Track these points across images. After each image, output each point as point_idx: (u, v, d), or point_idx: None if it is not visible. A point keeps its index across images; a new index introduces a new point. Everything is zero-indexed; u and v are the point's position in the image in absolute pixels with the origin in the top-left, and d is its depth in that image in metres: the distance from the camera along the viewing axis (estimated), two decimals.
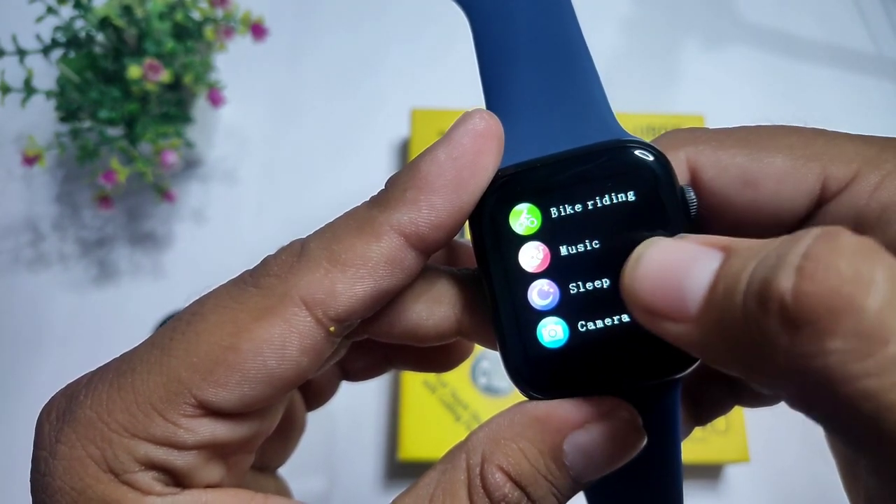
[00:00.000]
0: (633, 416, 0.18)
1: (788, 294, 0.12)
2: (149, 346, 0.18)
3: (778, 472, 0.49)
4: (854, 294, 0.12)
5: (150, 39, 0.49)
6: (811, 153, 0.18)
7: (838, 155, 0.18)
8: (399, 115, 0.58)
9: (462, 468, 0.18)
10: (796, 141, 0.18)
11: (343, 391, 0.27)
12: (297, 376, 0.18)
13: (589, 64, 0.19)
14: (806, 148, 0.18)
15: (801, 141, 0.18)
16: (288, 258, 0.18)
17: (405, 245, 0.18)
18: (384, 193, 0.18)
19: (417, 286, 0.19)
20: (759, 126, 0.19)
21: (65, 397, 0.18)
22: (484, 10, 0.20)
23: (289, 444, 0.26)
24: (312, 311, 0.17)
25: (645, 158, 0.18)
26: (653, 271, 0.15)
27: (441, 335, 0.20)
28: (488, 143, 0.18)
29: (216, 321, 0.17)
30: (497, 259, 0.18)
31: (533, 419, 0.18)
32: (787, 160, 0.18)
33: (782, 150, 0.18)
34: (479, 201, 0.18)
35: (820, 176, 0.18)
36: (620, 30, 0.65)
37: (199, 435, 0.17)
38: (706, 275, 0.14)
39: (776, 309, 0.13)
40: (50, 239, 0.56)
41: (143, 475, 0.17)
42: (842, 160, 0.18)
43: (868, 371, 0.12)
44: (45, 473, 0.17)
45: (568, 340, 0.18)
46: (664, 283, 0.15)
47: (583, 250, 0.18)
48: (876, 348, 0.12)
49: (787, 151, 0.18)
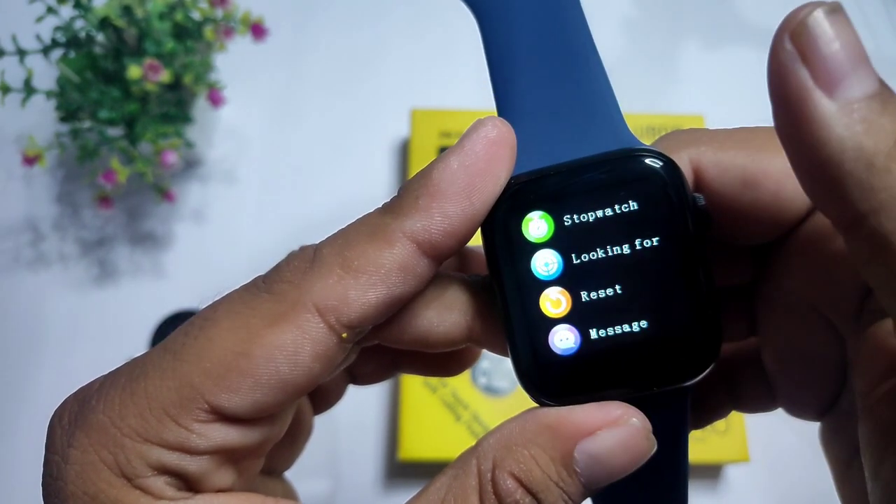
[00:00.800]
0: (644, 423, 0.18)
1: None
2: (161, 351, 0.18)
3: (778, 472, 0.50)
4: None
5: (150, 39, 0.49)
6: None
7: None
8: (399, 115, 0.58)
9: (473, 473, 0.18)
10: None
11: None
12: (309, 382, 0.18)
13: (600, 70, 0.19)
14: None
15: None
16: (301, 264, 0.18)
17: (417, 252, 0.18)
18: (397, 200, 0.18)
19: (429, 293, 0.19)
20: (759, 127, 0.19)
21: (77, 401, 0.18)
22: (494, 14, 0.20)
23: (296, 448, 0.26)
24: (325, 317, 0.17)
25: (657, 167, 0.18)
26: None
27: (452, 342, 0.20)
28: (501, 151, 0.18)
29: (229, 327, 0.17)
30: (509, 266, 0.18)
31: (544, 426, 0.18)
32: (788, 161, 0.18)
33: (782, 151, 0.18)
34: (491, 208, 0.18)
35: None
36: (620, 30, 0.65)
37: (212, 440, 0.17)
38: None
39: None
40: (50, 239, 0.56)
41: (155, 480, 0.17)
42: None
43: None
44: (58, 478, 0.17)
45: (580, 348, 0.18)
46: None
47: (595, 258, 0.18)
48: None
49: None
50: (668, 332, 0.18)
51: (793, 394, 0.22)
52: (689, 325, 0.18)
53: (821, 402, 0.21)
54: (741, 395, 0.23)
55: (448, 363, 0.25)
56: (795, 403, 0.22)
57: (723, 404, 0.23)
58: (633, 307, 0.18)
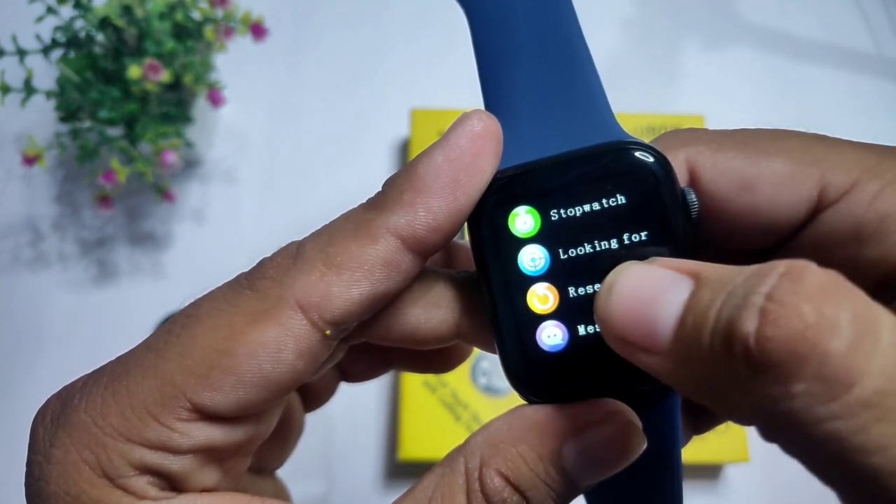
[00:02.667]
0: (634, 419, 0.18)
1: (752, 338, 0.12)
2: (143, 350, 0.18)
3: (778, 472, 0.49)
4: (818, 338, 0.12)
5: (150, 39, 0.49)
6: (810, 159, 0.18)
7: (838, 162, 0.18)
8: (399, 115, 0.58)
9: (461, 472, 0.18)
10: (796, 146, 0.18)
11: (343, 391, 0.27)
12: (293, 380, 0.18)
13: (589, 64, 0.19)
14: (805, 153, 0.18)
15: (800, 146, 0.18)
16: (283, 261, 0.18)
17: (402, 248, 0.17)
18: (380, 195, 0.18)
19: (415, 289, 0.19)
20: (759, 129, 0.19)
21: (59, 400, 0.18)
22: (483, 8, 0.20)
23: (286, 446, 0.26)
24: (308, 314, 0.17)
25: (645, 160, 0.18)
26: (625, 301, 0.15)
27: (439, 339, 0.20)
28: (486, 145, 0.18)
29: (211, 324, 0.17)
30: (496, 262, 0.18)
31: (532, 423, 0.18)
32: (786, 165, 0.18)
33: (781, 155, 0.18)
34: (477, 203, 0.18)
35: (818, 182, 0.18)
36: (621, 30, 0.65)
37: (194, 439, 0.17)
38: (676, 306, 0.14)
39: (741, 352, 0.12)
40: (50, 239, 0.56)
41: (137, 479, 0.17)
42: (841, 167, 0.17)
43: (834, 414, 0.12)
44: (40, 478, 0.17)
45: (567, 344, 0.18)
46: (636, 314, 0.15)
47: (583, 253, 0.18)
48: (840, 392, 0.12)
49: (786, 156, 0.18)
50: None
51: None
52: None
53: None
54: None
55: (439, 360, 0.25)
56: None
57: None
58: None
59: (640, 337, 0.15)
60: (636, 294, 0.15)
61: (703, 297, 0.14)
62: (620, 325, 0.15)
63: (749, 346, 0.12)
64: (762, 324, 0.12)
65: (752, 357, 0.12)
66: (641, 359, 0.15)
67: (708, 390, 0.14)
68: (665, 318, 0.14)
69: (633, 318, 0.15)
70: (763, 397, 0.12)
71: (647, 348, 0.15)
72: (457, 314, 0.19)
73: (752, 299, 0.13)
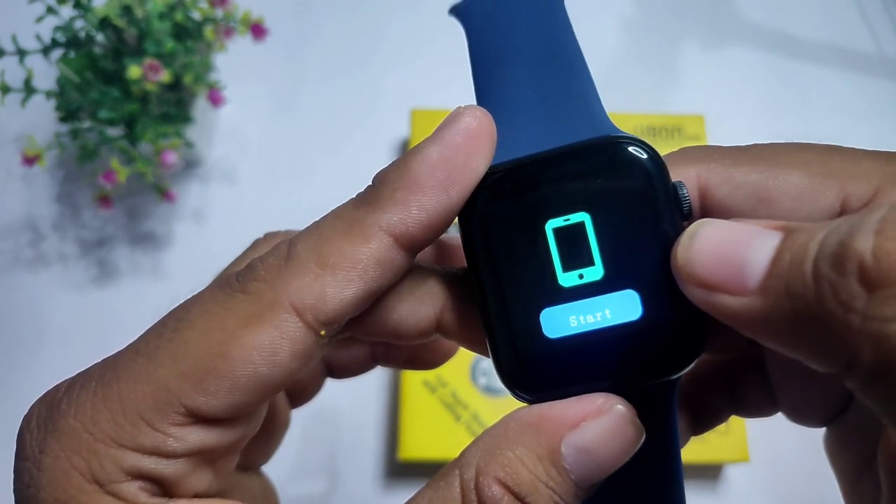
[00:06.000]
0: (629, 409, 0.18)
1: (868, 253, 0.12)
2: (133, 354, 0.18)
3: (778, 472, 0.49)
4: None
5: (150, 39, 0.49)
6: (828, 170, 0.18)
7: (857, 172, 0.17)
8: (399, 115, 0.58)
9: (455, 485, 0.17)
10: (812, 158, 0.18)
11: (342, 391, 0.27)
12: (287, 380, 0.18)
13: (581, 63, 0.19)
14: (823, 165, 0.18)
15: (817, 158, 0.18)
16: (275, 262, 0.17)
17: (395, 246, 0.17)
18: (372, 192, 0.18)
19: (401, 285, 0.19)
20: (772, 143, 0.19)
21: (44, 405, 0.18)
22: (478, 20, 0.20)
23: (272, 442, 0.26)
24: (303, 316, 0.17)
25: (637, 155, 0.18)
26: (710, 245, 0.15)
27: (421, 333, 0.19)
28: (481, 143, 0.18)
29: (203, 328, 0.17)
30: (488, 257, 0.18)
31: (527, 424, 0.17)
32: (804, 178, 0.18)
33: (798, 168, 0.18)
34: (469, 198, 0.18)
35: (839, 194, 0.17)
36: (620, 30, 0.65)
37: (189, 443, 0.17)
38: (767, 249, 0.14)
39: (855, 269, 0.12)
40: (50, 239, 0.56)
41: (128, 485, 0.17)
42: (861, 178, 0.17)
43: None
44: (30, 485, 0.17)
45: (560, 339, 0.18)
46: (722, 257, 0.15)
47: (575, 247, 0.18)
48: None
49: (804, 168, 0.18)
50: (651, 324, 0.17)
51: (797, 403, 0.21)
52: (673, 316, 0.17)
53: (826, 412, 0.21)
54: (742, 400, 0.22)
55: (425, 356, 0.24)
56: (799, 412, 0.21)
57: (722, 409, 0.22)
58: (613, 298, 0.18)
59: (726, 278, 0.15)
60: (722, 239, 0.15)
61: (798, 238, 0.14)
62: (703, 268, 0.15)
63: (865, 261, 0.12)
64: (879, 240, 0.12)
65: (867, 273, 0.12)
66: (726, 303, 0.15)
67: (802, 328, 0.14)
68: (755, 257, 0.14)
69: (719, 260, 0.15)
70: (873, 319, 0.12)
71: (732, 290, 0.15)
72: (439, 310, 0.19)
73: (865, 223, 0.13)
